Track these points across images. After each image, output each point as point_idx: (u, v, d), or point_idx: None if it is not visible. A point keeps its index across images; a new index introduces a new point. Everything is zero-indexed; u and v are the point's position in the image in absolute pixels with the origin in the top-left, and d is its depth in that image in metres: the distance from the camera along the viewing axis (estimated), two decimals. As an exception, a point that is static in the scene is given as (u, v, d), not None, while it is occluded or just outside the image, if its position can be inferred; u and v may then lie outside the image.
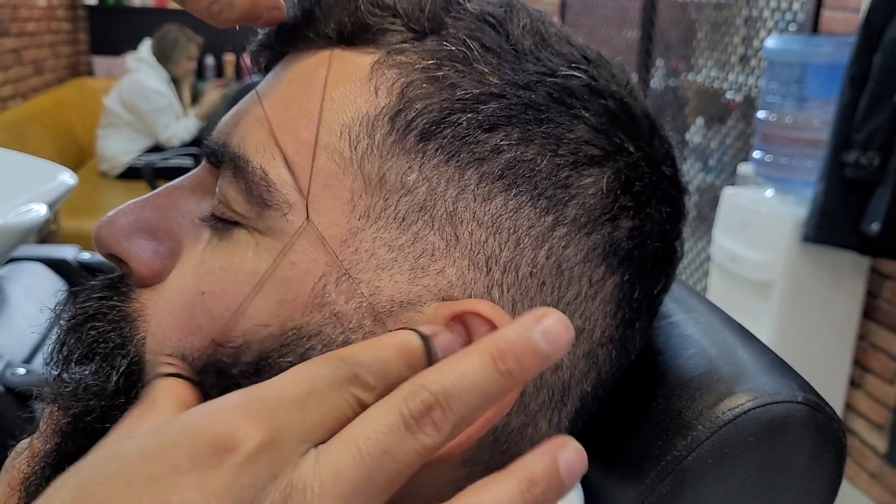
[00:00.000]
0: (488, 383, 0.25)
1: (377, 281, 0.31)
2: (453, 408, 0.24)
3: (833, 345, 1.89)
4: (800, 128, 1.87)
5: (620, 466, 0.36)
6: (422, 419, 0.24)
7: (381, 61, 0.33)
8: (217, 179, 0.35)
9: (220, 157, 0.34)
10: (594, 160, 0.32)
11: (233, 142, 0.33)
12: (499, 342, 0.25)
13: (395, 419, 0.24)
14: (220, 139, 0.34)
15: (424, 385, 0.24)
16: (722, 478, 0.33)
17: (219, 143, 0.34)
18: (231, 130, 0.34)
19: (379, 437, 0.23)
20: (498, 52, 0.33)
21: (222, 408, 0.24)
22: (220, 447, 0.23)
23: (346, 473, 0.23)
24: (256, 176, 0.32)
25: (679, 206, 0.36)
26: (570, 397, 0.35)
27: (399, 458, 0.24)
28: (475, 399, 0.25)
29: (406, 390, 0.24)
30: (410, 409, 0.24)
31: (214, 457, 0.23)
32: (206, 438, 0.23)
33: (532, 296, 0.32)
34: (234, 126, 0.34)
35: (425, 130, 0.31)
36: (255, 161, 0.32)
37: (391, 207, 0.31)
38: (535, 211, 0.32)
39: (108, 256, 0.35)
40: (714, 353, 0.37)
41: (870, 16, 1.56)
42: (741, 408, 0.33)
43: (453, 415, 0.24)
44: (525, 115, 0.32)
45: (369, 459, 0.23)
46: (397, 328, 0.29)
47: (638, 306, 0.35)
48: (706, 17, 2.65)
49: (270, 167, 0.32)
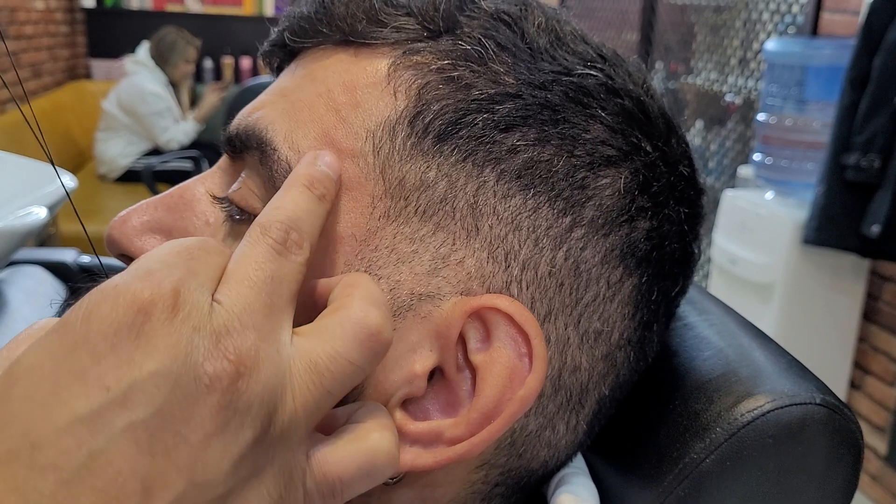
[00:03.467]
0: (315, 205, 0.29)
1: (397, 275, 0.31)
2: (303, 229, 0.28)
3: (833, 347, 1.89)
4: (800, 130, 1.87)
5: (638, 469, 0.35)
6: (286, 243, 0.27)
7: (397, 62, 0.32)
8: (234, 177, 0.34)
9: (246, 143, 0.33)
10: (611, 160, 0.32)
11: (260, 126, 0.33)
12: (302, 176, 0.30)
13: (267, 249, 0.27)
14: (246, 124, 0.34)
15: (272, 218, 0.28)
16: (740, 480, 0.33)
17: (243, 128, 0.34)
18: (257, 117, 0.34)
19: (263, 267, 0.26)
20: (513, 51, 0.32)
21: (118, 283, 0.23)
22: (133, 318, 0.22)
23: (253, 304, 0.25)
24: (282, 168, 0.32)
25: (697, 206, 0.36)
26: (587, 400, 0.34)
27: (285, 277, 0.26)
28: (312, 219, 0.29)
29: (259, 226, 0.27)
30: (274, 238, 0.27)
31: (132, 329, 0.22)
32: (117, 315, 0.22)
33: (551, 296, 0.32)
34: (259, 115, 0.34)
35: (442, 131, 0.31)
36: (282, 151, 0.32)
37: (412, 204, 0.31)
38: (553, 212, 0.31)
39: (120, 256, 0.35)
40: (731, 354, 0.37)
41: (870, 18, 1.56)
42: (760, 409, 0.33)
43: (304, 234, 0.28)
44: (541, 116, 0.31)
45: (265, 286, 0.25)
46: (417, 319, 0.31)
47: (656, 308, 0.35)
48: (705, 19, 2.65)
49: (295, 161, 0.32)
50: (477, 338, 0.31)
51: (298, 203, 0.29)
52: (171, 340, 0.22)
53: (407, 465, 0.30)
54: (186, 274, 0.24)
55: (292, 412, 0.24)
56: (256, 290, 0.25)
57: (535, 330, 0.30)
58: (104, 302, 0.22)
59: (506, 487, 0.35)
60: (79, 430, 0.21)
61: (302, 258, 0.27)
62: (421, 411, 0.31)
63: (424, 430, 0.31)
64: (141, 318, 0.22)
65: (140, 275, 0.23)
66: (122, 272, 0.24)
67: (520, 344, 0.31)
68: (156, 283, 0.23)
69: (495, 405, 0.30)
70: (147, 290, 0.23)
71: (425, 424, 0.31)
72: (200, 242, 0.26)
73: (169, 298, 0.23)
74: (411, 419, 0.31)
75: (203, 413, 0.22)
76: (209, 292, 0.24)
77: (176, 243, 0.26)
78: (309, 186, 0.29)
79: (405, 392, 0.31)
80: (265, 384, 0.23)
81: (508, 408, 0.30)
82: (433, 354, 0.31)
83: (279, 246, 0.27)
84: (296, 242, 0.27)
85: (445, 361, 0.31)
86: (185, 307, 0.23)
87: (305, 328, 0.26)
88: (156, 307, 0.22)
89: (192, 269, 0.24)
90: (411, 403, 0.31)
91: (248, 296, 0.25)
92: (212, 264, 0.25)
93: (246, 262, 0.26)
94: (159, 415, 0.21)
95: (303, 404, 0.25)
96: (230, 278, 0.25)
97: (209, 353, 0.22)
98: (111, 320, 0.22)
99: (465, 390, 0.31)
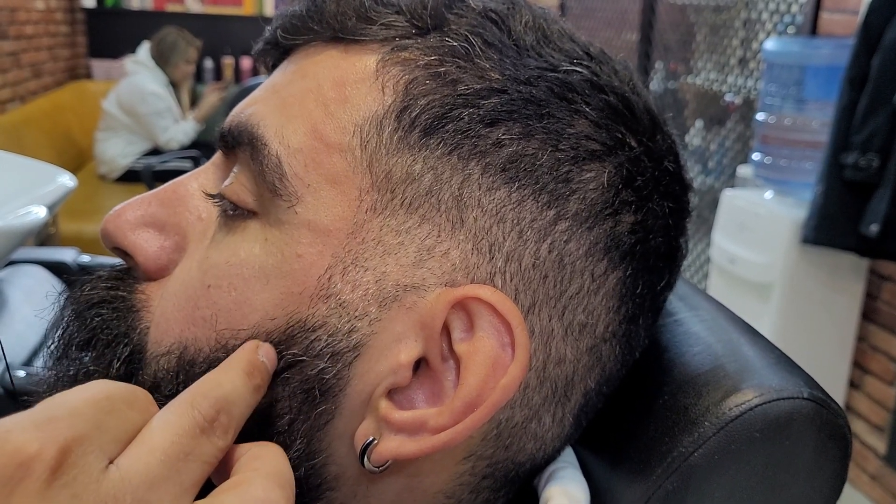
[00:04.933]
0: (249, 394, 0.28)
1: (383, 266, 0.31)
2: (233, 414, 0.27)
3: (832, 346, 1.89)
4: (799, 130, 1.87)
5: (626, 463, 0.36)
6: (213, 422, 0.26)
7: (385, 58, 0.33)
8: (227, 173, 0.35)
9: (238, 138, 0.34)
10: (595, 155, 0.33)
11: (252, 122, 0.34)
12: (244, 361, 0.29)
13: (191, 423, 0.25)
14: (238, 120, 0.34)
15: (206, 393, 0.26)
16: (728, 474, 0.33)
17: (235, 124, 0.34)
18: (249, 114, 0.34)
19: (181, 441, 0.24)
20: (499, 48, 0.33)
21: (11, 428, 0.22)
22: (12, 473, 0.21)
23: (156, 478, 0.23)
24: (272, 163, 0.32)
25: (682, 201, 0.36)
26: (573, 392, 0.35)
27: (200, 458, 0.25)
28: (244, 407, 0.28)
29: (190, 397, 0.26)
30: (203, 413, 0.26)
31: (7, 486, 0.21)
32: None
33: (535, 288, 0.32)
34: (251, 111, 0.34)
35: (428, 126, 0.32)
36: (272, 146, 0.33)
37: (398, 197, 0.32)
38: (538, 205, 0.32)
39: (114, 250, 0.35)
40: (720, 349, 0.37)
41: (869, 18, 1.56)
42: (748, 404, 0.33)
43: (233, 420, 0.27)
44: (526, 110, 0.32)
45: (176, 463, 0.24)
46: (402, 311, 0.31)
47: (641, 302, 0.35)
48: (705, 19, 2.65)
49: (284, 156, 0.32)
50: (461, 328, 0.31)
51: (236, 386, 0.28)
52: None
53: (391, 453, 0.31)
54: (91, 429, 0.22)
55: None
56: (166, 465, 0.24)
57: (517, 319, 0.31)
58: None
59: (494, 480, 0.35)
60: None
61: (223, 444, 0.26)
62: (406, 401, 0.32)
63: (409, 418, 0.31)
64: (20, 473, 0.21)
65: (38, 422, 0.22)
66: (25, 412, 0.22)
67: (502, 333, 0.31)
68: (49, 435, 0.21)
69: (478, 394, 0.30)
70: (36, 442, 0.21)
71: (410, 413, 0.31)
72: (128, 394, 0.25)
73: (54, 457, 0.21)
74: (396, 408, 0.31)
75: None
76: (107, 455, 0.23)
77: (99, 389, 0.24)
78: (249, 373, 0.29)
79: (390, 382, 0.31)
80: None
81: (491, 396, 0.30)
82: (418, 344, 0.31)
83: (205, 424, 0.25)
84: (223, 426, 0.26)
85: (430, 351, 0.31)
86: (71, 470, 0.21)
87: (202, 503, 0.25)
88: (38, 465, 0.21)
89: (101, 424, 0.23)
90: (396, 393, 0.32)
91: (154, 469, 0.23)
92: (129, 421, 0.24)
93: (164, 431, 0.24)
94: None
95: None
96: (142, 443, 0.24)
97: None
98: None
99: (450, 380, 0.31)
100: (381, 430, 0.31)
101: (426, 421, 0.31)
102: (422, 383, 0.32)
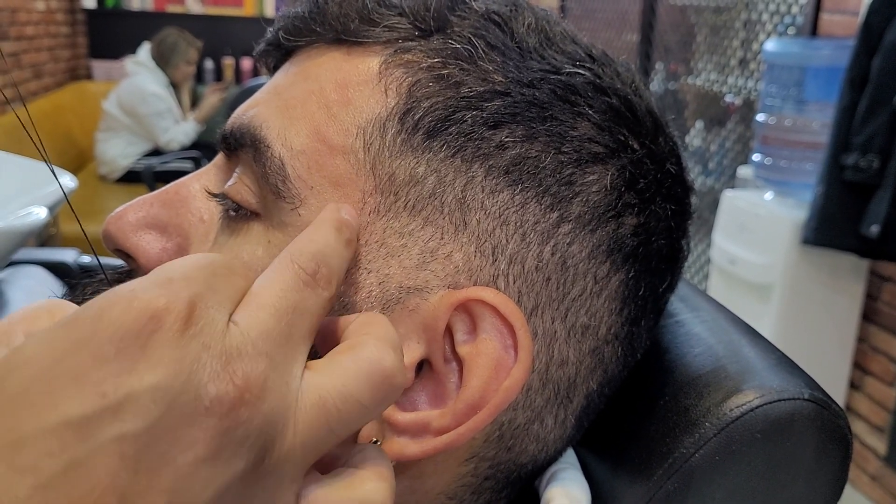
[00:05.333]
0: (343, 248, 0.29)
1: (386, 269, 0.31)
2: (332, 266, 0.27)
3: (833, 347, 1.89)
4: (799, 131, 1.87)
5: (628, 464, 0.36)
6: (315, 275, 0.26)
7: (388, 61, 0.33)
8: (229, 174, 0.35)
9: (240, 140, 0.34)
10: (598, 157, 0.33)
11: (255, 124, 0.34)
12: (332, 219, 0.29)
13: (294, 278, 0.26)
14: (240, 122, 0.34)
15: (303, 249, 0.27)
16: (729, 475, 0.33)
17: (237, 126, 0.34)
18: (251, 115, 0.34)
19: (288, 295, 0.25)
20: (502, 51, 0.33)
21: (134, 288, 0.22)
22: (144, 325, 0.21)
23: (271, 331, 0.24)
24: (275, 165, 0.32)
25: (684, 203, 0.36)
26: (576, 394, 0.35)
27: (309, 310, 0.25)
28: (340, 260, 0.28)
29: (290, 254, 0.27)
30: (304, 267, 0.26)
31: (140, 337, 0.21)
32: (128, 319, 0.21)
33: (538, 290, 0.32)
34: (254, 113, 0.34)
35: (432, 128, 0.32)
36: (275, 148, 0.33)
37: (401, 200, 0.32)
38: (541, 207, 0.32)
39: (116, 252, 0.35)
40: (721, 351, 0.37)
41: (869, 19, 1.56)
42: (749, 405, 0.33)
43: (333, 272, 0.27)
44: (529, 113, 0.32)
45: (286, 315, 0.24)
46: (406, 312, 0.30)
47: (643, 303, 0.35)
48: (705, 20, 2.66)
49: (287, 158, 0.32)
50: (463, 330, 0.31)
51: (329, 241, 0.28)
52: (177, 354, 0.21)
53: (394, 454, 0.31)
54: (206, 289, 0.23)
55: (290, 448, 0.23)
56: (277, 318, 0.24)
57: (520, 321, 0.31)
58: (117, 304, 0.21)
59: (496, 481, 0.35)
60: (66, 433, 0.20)
61: (328, 294, 0.26)
62: (409, 402, 0.32)
63: (412, 420, 0.31)
64: (151, 326, 0.21)
65: (159, 282, 0.22)
66: (141, 277, 0.23)
67: (505, 335, 0.31)
68: (173, 292, 0.22)
69: (481, 395, 0.30)
70: (163, 298, 0.22)
71: (413, 415, 0.31)
72: (226, 261, 0.25)
73: (184, 310, 0.22)
74: (399, 410, 0.31)
75: (197, 436, 0.21)
76: (227, 312, 0.23)
77: (201, 257, 0.25)
78: (338, 229, 0.29)
79: None
80: (267, 415, 0.22)
81: (494, 398, 0.30)
82: (421, 346, 0.31)
83: (308, 277, 0.26)
84: (325, 277, 0.26)
85: (433, 353, 0.31)
86: (198, 322, 0.22)
87: (318, 363, 0.25)
88: (169, 317, 0.21)
89: (212, 285, 0.23)
90: (400, 395, 0.32)
91: (268, 322, 0.24)
92: (234, 284, 0.24)
93: (270, 288, 0.25)
94: (151, 431, 0.20)
95: (302, 442, 0.23)
96: (252, 301, 0.24)
97: (215, 373, 0.21)
98: (121, 324, 0.21)
99: (453, 382, 0.31)
100: (385, 432, 0.31)
101: (429, 423, 0.31)
102: (425, 385, 0.32)
